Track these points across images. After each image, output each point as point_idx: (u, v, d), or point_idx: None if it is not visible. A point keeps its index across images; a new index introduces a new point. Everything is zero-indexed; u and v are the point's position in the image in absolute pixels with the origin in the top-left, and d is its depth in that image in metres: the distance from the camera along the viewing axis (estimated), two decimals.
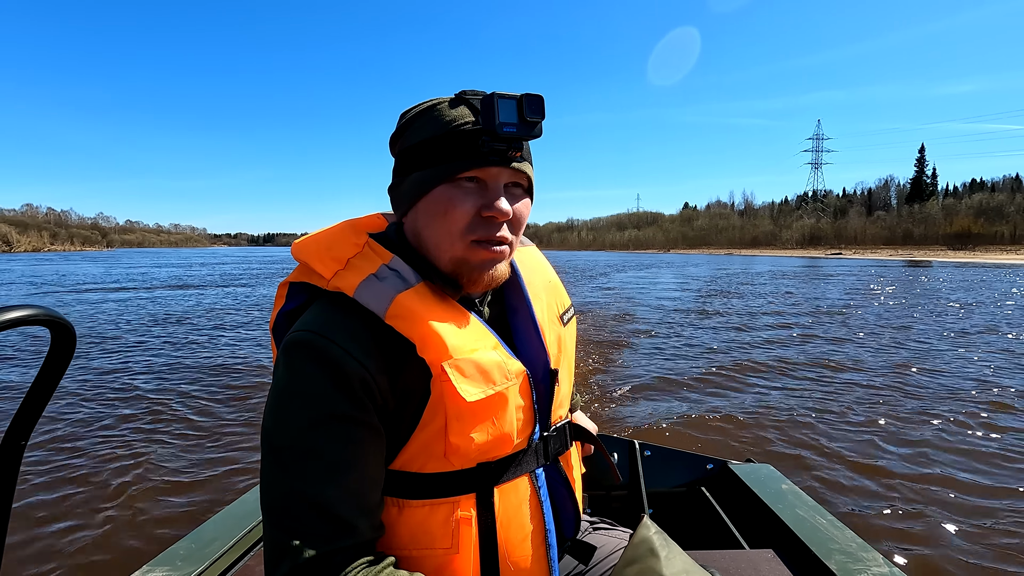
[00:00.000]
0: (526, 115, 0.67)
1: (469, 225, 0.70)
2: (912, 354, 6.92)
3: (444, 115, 0.71)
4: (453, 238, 0.71)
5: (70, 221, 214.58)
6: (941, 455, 3.61)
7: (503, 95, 0.66)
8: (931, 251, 73.02)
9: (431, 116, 0.72)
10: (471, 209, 0.70)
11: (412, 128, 0.73)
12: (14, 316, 0.56)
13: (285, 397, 0.65)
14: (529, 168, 0.74)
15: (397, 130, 0.76)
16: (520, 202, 0.74)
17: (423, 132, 0.71)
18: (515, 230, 0.75)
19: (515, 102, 0.67)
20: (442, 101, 0.73)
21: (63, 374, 0.68)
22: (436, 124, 0.70)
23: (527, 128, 0.68)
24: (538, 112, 0.68)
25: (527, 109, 0.67)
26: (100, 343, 7.91)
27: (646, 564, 0.73)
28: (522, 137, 0.68)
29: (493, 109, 0.66)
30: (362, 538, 0.64)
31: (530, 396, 0.76)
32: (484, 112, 0.67)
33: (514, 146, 0.69)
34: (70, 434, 4.10)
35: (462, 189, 0.70)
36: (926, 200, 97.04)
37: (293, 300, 0.77)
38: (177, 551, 1.21)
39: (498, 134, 0.66)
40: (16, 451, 0.68)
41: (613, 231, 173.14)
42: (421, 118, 0.73)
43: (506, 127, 0.66)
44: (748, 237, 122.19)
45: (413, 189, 0.72)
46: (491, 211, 0.70)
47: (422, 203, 0.72)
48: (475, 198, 0.70)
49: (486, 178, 0.70)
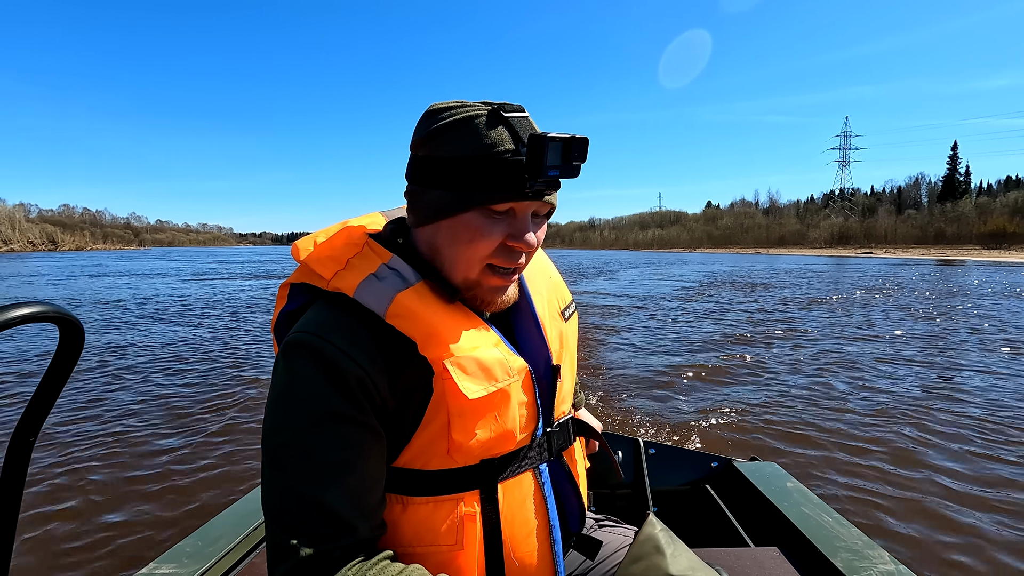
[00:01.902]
0: (571, 160, 0.67)
1: (493, 252, 0.70)
2: (935, 356, 6.77)
3: (483, 135, 0.67)
4: (473, 263, 0.70)
5: (104, 221, 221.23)
6: (950, 455, 3.59)
7: (553, 138, 0.64)
8: (964, 250, 71.77)
9: (468, 131, 0.68)
10: (498, 238, 0.69)
11: (445, 138, 0.69)
12: (24, 313, 0.56)
13: (283, 398, 0.65)
14: (556, 197, 0.73)
15: (427, 134, 0.70)
16: (541, 230, 0.74)
17: (459, 148, 0.68)
18: (530, 257, 0.75)
19: (561, 144, 0.65)
20: (479, 113, 0.69)
21: (71, 371, 0.68)
22: (474, 143, 0.67)
23: (570, 172, 0.67)
24: (582, 156, 0.67)
25: (573, 152, 0.66)
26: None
27: (652, 561, 0.73)
28: (564, 177, 0.68)
29: (543, 152, 0.64)
30: (361, 537, 0.64)
31: (532, 392, 0.76)
32: (532, 153, 0.65)
33: (552, 185, 0.69)
34: (79, 429, 4.19)
35: (492, 218, 0.69)
36: (959, 198, 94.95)
37: (294, 301, 0.77)
38: (184, 548, 1.22)
39: (543, 177, 0.65)
40: (25, 447, 0.69)
41: (636, 230, 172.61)
42: (456, 130, 0.68)
43: (551, 170, 0.65)
44: (775, 236, 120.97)
45: (440, 207, 0.70)
46: (519, 242, 0.70)
47: (447, 223, 0.70)
48: (503, 227, 0.69)
49: (518, 210, 0.70)
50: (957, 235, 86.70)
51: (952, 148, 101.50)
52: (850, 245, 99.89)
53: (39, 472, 3.38)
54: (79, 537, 2.69)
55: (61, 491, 3.17)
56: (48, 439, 3.91)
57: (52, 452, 3.71)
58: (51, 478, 3.33)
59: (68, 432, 4.11)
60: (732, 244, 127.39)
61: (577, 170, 0.68)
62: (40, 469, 3.43)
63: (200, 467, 3.49)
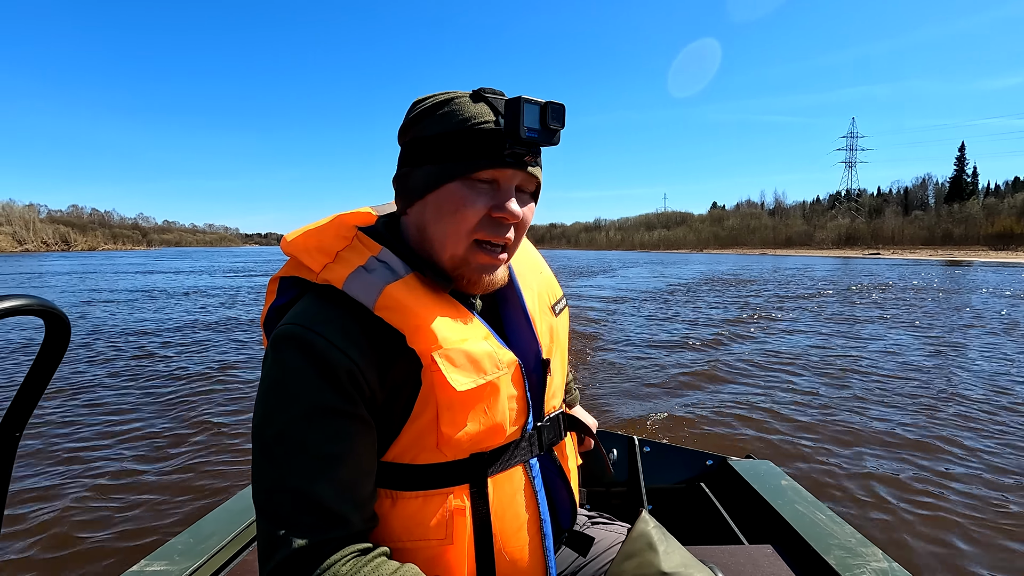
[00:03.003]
0: (548, 122, 0.68)
1: (478, 224, 0.70)
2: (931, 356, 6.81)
3: (464, 111, 0.70)
4: (459, 236, 0.71)
5: (112, 221, 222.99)
6: (946, 453, 3.63)
7: (529, 100, 0.66)
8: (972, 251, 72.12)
9: (450, 110, 0.70)
10: (482, 209, 0.70)
11: (429, 119, 0.71)
12: (7, 306, 0.55)
13: (273, 391, 0.65)
14: (540, 173, 0.74)
15: (410, 119, 0.73)
16: (527, 207, 0.74)
17: (441, 125, 0.70)
18: (519, 234, 0.75)
19: (539, 108, 0.67)
20: (461, 96, 0.72)
21: (58, 365, 0.67)
22: (455, 119, 0.69)
23: (548, 135, 0.69)
24: (559, 120, 0.69)
25: (550, 116, 0.68)
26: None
27: (644, 558, 0.73)
28: (542, 143, 0.69)
29: (519, 113, 0.65)
30: (353, 529, 0.64)
31: (522, 386, 0.76)
32: (509, 114, 0.66)
33: (532, 151, 0.70)
34: (70, 423, 4.20)
35: (476, 188, 0.69)
36: (966, 199, 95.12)
37: (284, 295, 0.77)
38: (175, 546, 1.21)
39: (521, 138, 0.66)
40: (11, 442, 0.68)
41: (642, 231, 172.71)
42: (438, 110, 0.71)
43: (529, 132, 0.66)
44: (781, 237, 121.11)
45: (424, 181, 0.71)
46: (502, 212, 0.70)
47: (432, 197, 0.71)
48: (487, 198, 0.70)
49: (501, 179, 0.70)
50: (965, 236, 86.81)
51: (959, 149, 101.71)
52: (857, 246, 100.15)
53: (24, 466, 3.34)
54: (69, 533, 2.66)
55: (50, 487, 3.15)
56: (38, 434, 3.93)
57: (39, 444, 3.73)
58: (40, 473, 3.31)
59: (54, 425, 4.15)
60: (739, 245, 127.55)
61: (555, 136, 0.69)
62: (28, 464, 3.39)
63: (193, 463, 3.48)
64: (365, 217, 0.81)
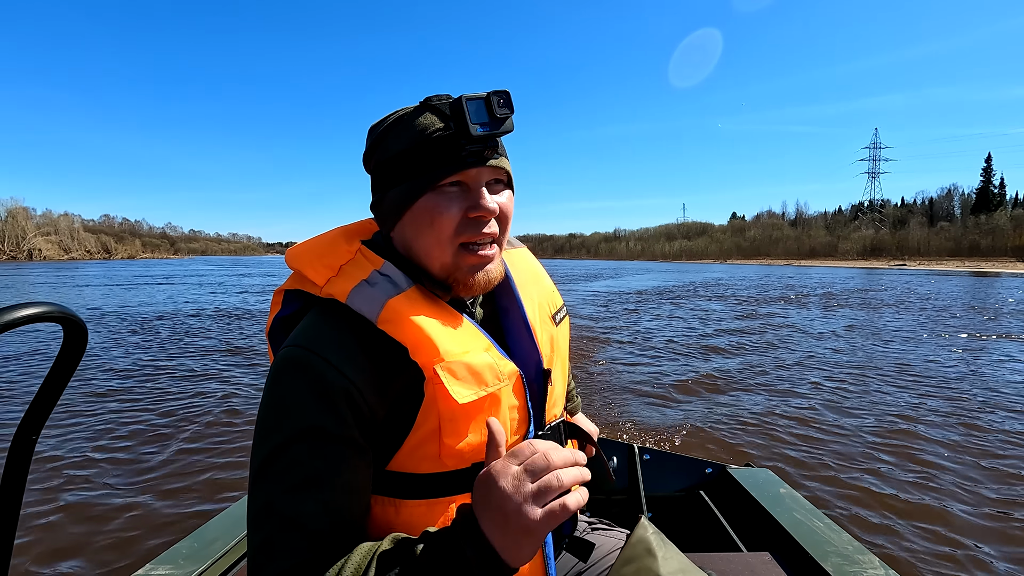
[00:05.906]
0: (496, 112, 0.68)
1: (457, 228, 0.71)
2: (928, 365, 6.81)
3: (413, 125, 0.71)
4: (443, 244, 0.72)
5: (142, 231, 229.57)
6: (945, 463, 3.62)
7: (470, 96, 0.67)
8: (1000, 263, 71.83)
9: (401, 128, 0.72)
10: (457, 213, 0.71)
11: (384, 143, 0.74)
12: (29, 313, 0.57)
13: (269, 410, 0.66)
14: (506, 163, 0.75)
15: (369, 146, 0.76)
16: (503, 197, 0.75)
17: (396, 145, 0.72)
18: (502, 225, 0.76)
19: (483, 101, 0.68)
20: (407, 111, 0.74)
21: (75, 370, 0.68)
22: (407, 135, 0.71)
23: (498, 124, 0.69)
24: (507, 106, 0.69)
25: (496, 106, 0.68)
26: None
27: (643, 564, 0.73)
28: (497, 134, 0.70)
29: (463, 111, 0.67)
30: (340, 550, 0.63)
31: (523, 396, 0.77)
32: (455, 115, 0.68)
33: (489, 144, 0.71)
34: (78, 428, 4.26)
35: (446, 195, 0.71)
36: (993, 210, 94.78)
37: (288, 307, 0.79)
38: (180, 550, 1.23)
39: (473, 136, 0.67)
40: (27, 445, 0.69)
41: (662, 241, 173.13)
42: (391, 131, 0.73)
43: (480, 127, 0.67)
44: (805, 248, 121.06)
45: (396, 203, 0.73)
46: (478, 211, 0.71)
47: (408, 215, 0.72)
48: (460, 201, 0.71)
49: (467, 180, 0.71)
50: (992, 247, 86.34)
51: (986, 159, 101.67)
52: (883, 257, 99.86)
53: (33, 470, 3.27)
54: (74, 540, 2.68)
55: (61, 490, 3.18)
56: (43, 435, 4.74)
57: (49, 450, 3.77)
58: (51, 477, 3.37)
59: (64, 430, 4.21)
60: (761, 255, 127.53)
61: (506, 122, 0.70)
62: (32, 466, 4.47)
63: (199, 470, 3.50)
64: (369, 228, 0.82)
